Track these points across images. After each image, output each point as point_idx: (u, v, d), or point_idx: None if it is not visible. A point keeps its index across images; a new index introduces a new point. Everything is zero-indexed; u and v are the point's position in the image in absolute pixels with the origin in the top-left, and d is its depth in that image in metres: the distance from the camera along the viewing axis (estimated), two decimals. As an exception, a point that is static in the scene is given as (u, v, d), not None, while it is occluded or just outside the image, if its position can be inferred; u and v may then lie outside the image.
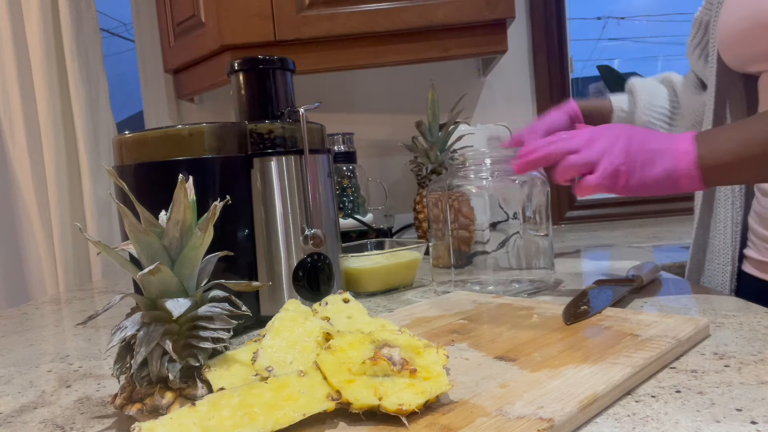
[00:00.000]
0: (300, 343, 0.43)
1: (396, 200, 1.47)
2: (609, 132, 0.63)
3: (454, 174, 0.80)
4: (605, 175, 0.61)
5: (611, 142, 0.62)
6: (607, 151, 0.61)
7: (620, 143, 0.61)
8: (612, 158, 0.61)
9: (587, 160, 0.62)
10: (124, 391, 0.41)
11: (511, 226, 0.77)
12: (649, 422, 0.36)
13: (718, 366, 0.45)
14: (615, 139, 0.62)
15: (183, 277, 0.42)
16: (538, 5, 1.56)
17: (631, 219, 1.55)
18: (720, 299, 0.65)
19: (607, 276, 0.74)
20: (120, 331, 0.41)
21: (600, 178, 0.61)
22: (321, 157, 0.74)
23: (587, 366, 0.43)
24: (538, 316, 0.59)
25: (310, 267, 0.71)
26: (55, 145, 1.37)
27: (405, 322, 0.61)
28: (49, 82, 1.36)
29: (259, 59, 0.75)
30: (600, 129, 0.65)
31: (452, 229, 0.78)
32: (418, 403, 0.36)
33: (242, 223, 0.68)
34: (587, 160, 0.62)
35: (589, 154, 0.62)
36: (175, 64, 1.44)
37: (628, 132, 0.63)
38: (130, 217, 0.40)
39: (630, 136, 0.62)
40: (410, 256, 0.86)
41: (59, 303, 1.03)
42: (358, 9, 1.21)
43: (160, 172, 0.65)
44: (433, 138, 1.21)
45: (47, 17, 1.35)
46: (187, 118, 1.62)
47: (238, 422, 0.35)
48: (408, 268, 0.87)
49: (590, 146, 0.63)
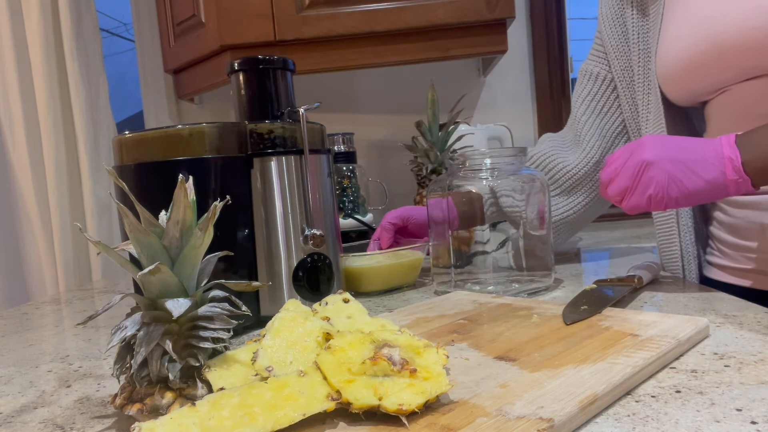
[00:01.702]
0: (300, 343, 0.43)
1: (396, 200, 1.47)
2: (634, 158, 0.63)
3: (454, 174, 0.80)
4: (640, 202, 0.62)
5: (636, 169, 0.62)
6: (641, 179, 0.61)
7: (651, 168, 0.61)
8: (645, 185, 0.61)
9: (620, 189, 0.63)
10: (124, 391, 0.41)
11: (511, 226, 0.77)
12: (649, 422, 0.36)
13: (718, 366, 0.45)
14: (640, 165, 0.61)
15: (183, 277, 0.42)
16: (538, 5, 1.56)
17: (631, 219, 1.54)
18: (720, 299, 0.65)
19: (607, 276, 0.74)
20: (120, 331, 0.41)
21: (637, 202, 0.62)
22: (321, 157, 0.74)
23: (587, 366, 0.43)
24: (538, 316, 0.59)
25: (310, 267, 0.71)
26: (55, 145, 1.37)
27: (405, 322, 0.61)
28: (49, 82, 1.36)
29: (259, 59, 0.75)
30: (625, 152, 0.64)
31: (452, 229, 0.78)
32: (418, 403, 0.36)
33: (242, 223, 0.68)
34: (620, 189, 0.63)
35: (620, 183, 0.63)
36: (175, 64, 1.44)
37: (659, 150, 0.62)
38: (130, 217, 0.40)
39: (660, 156, 0.61)
40: (412, 256, 0.86)
41: (59, 303, 1.03)
42: (358, 9, 1.21)
43: (160, 172, 0.65)
44: (433, 138, 1.21)
45: (47, 17, 1.35)
46: (187, 118, 1.62)
47: (238, 422, 0.35)
48: (410, 268, 0.87)
49: (618, 175, 0.63)
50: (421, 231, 0.94)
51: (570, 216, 0.90)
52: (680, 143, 0.62)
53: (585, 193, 0.89)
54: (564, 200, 0.90)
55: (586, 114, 0.89)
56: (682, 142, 0.63)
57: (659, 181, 0.60)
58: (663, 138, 0.64)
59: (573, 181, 0.88)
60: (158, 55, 1.53)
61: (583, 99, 0.89)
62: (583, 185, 0.89)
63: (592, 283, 0.71)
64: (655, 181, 0.60)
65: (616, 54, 0.85)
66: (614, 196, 0.64)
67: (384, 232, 0.93)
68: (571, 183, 0.89)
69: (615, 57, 0.85)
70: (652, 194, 0.61)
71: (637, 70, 0.82)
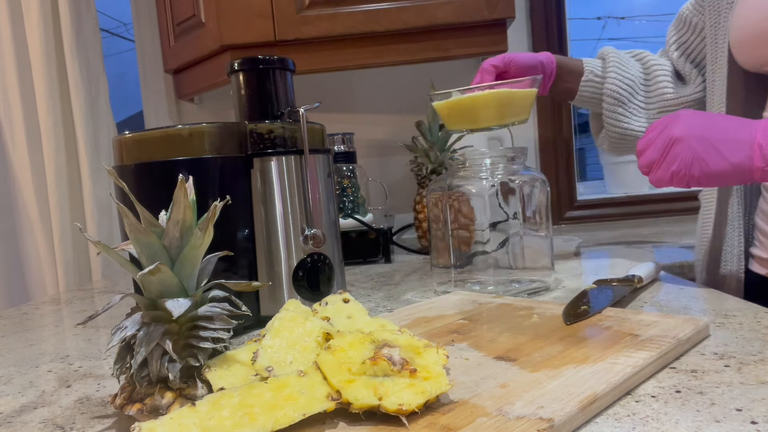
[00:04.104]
0: (300, 343, 0.43)
1: (396, 200, 1.47)
2: (666, 132, 0.62)
3: (454, 174, 0.80)
4: (665, 176, 0.62)
5: (665, 143, 0.62)
6: (668, 154, 0.61)
7: (678, 144, 0.61)
8: (670, 161, 0.61)
9: (649, 160, 0.63)
10: (124, 391, 0.41)
11: (511, 226, 0.77)
12: (649, 422, 0.36)
13: (718, 366, 0.45)
14: (669, 140, 0.61)
15: (183, 277, 0.42)
16: (538, 5, 1.56)
17: (631, 219, 1.55)
18: (720, 299, 0.65)
19: (607, 276, 0.74)
20: (120, 331, 0.41)
21: (662, 176, 0.62)
22: (321, 157, 0.74)
23: (587, 366, 0.43)
24: (538, 316, 0.59)
25: (310, 267, 0.71)
26: (55, 145, 1.37)
27: (405, 322, 0.61)
28: (49, 82, 1.36)
29: (259, 59, 0.75)
30: (660, 125, 0.64)
31: (452, 229, 0.78)
32: (418, 403, 0.36)
33: (242, 223, 0.68)
34: (649, 160, 0.63)
35: (650, 155, 0.63)
36: (175, 64, 1.44)
37: (689, 127, 0.61)
38: (130, 217, 0.40)
39: (689, 132, 0.61)
40: (524, 88, 0.80)
41: (59, 303, 1.03)
42: (359, 9, 1.21)
43: (160, 172, 0.65)
44: (433, 138, 1.21)
45: (47, 17, 1.35)
46: (187, 118, 1.62)
47: (238, 422, 0.35)
48: (524, 100, 0.80)
49: (649, 147, 0.63)
50: (525, 73, 0.89)
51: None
52: (714, 121, 0.61)
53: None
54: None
55: (682, 58, 0.90)
56: (717, 120, 0.61)
57: (683, 158, 0.60)
58: (698, 115, 0.63)
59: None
60: (158, 55, 1.53)
61: (679, 46, 0.90)
62: None
63: (592, 283, 0.71)
64: (680, 158, 0.60)
65: (710, 9, 0.83)
66: (643, 166, 0.64)
67: (485, 75, 0.88)
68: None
69: (708, 10, 0.83)
70: (675, 170, 0.60)
71: (710, 31, 0.81)
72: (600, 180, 1.75)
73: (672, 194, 1.55)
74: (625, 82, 0.92)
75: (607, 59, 0.94)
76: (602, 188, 1.74)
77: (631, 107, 0.92)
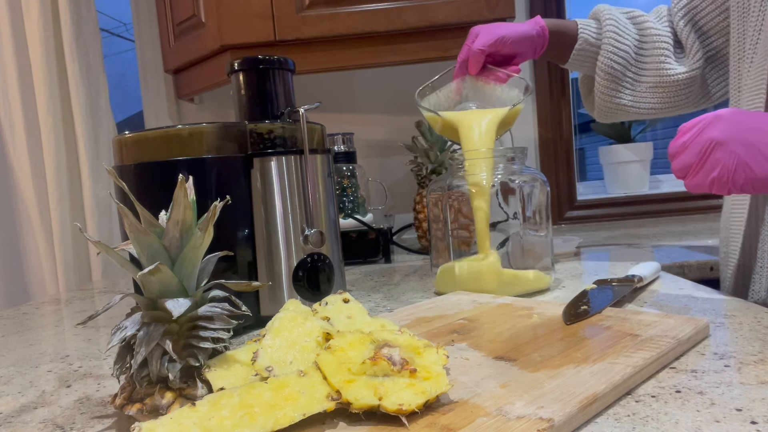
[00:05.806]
0: (300, 343, 0.43)
1: (396, 200, 1.47)
2: (704, 134, 0.57)
3: (454, 174, 0.80)
4: (703, 182, 0.57)
5: (704, 147, 0.56)
6: (708, 159, 0.56)
7: (720, 149, 0.55)
8: (710, 167, 0.56)
9: (684, 165, 0.58)
10: (124, 391, 0.41)
11: (511, 226, 0.77)
12: (649, 422, 0.36)
13: (718, 366, 0.45)
14: (708, 143, 0.56)
15: (183, 277, 0.42)
16: (538, 5, 1.56)
17: (631, 219, 1.55)
18: (720, 299, 0.65)
19: (607, 276, 0.74)
20: (120, 331, 0.41)
21: (700, 182, 0.57)
22: (321, 157, 0.74)
23: (587, 366, 0.43)
24: (538, 316, 0.59)
25: (310, 267, 0.71)
26: (55, 145, 1.37)
27: (405, 322, 0.61)
28: (49, 82, 1.36)
29: (259, 59, 0.75)
30: (697, 125, 0.58)
31: (452, 229, 0.78)
32: (418, 403, 0.36)
33: (242, 223, 0.68)
34: (684, 165, 0.58)
35: (686, 159, 0.57)
36: (175, 64, 1.44)
37: (732, 129, 0.55)
38: (130, 217, 0.40)
39: (732, 136, 0.55)
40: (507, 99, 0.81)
41: (59, 303, 1.03)
42: (358, 9, 1.21)
43: (160, 172, 0.65)
44: (433, 138, 1.21)
45: (47, 17, 1.35)
46: (187, 118, 1.61)
47: (238, 422, 0.35)
48: (510, 117, 0.80)
49: (685, 151, 0.58)
50: (522, 47, 0.85)
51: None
52: (758, 123, 0.56)
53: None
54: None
55: (688, 26, 0.84)
56: (763, 120, 0.56)
57: (726, 164, 0.54)
58: (741, 115, 0.57)
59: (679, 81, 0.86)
60: (158, 55, 1.53)
61: (688, 11, 0.84)
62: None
63: (592, 283, 0.71)
64: (722, 164, 0.54)
65: None
66: (677, 171, 0.58)
67: (473, 61, 0.84)
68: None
69: None
70: (716, 177, 0.55)
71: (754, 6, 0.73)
72: (600, 180, 1.75)
73: (672, 194, 1.55)
74: (620, 54, 0.86)
75: (602, 22, 0.88)
76: (602, 188, 1.74)
77: (624, 81, 0.88)
